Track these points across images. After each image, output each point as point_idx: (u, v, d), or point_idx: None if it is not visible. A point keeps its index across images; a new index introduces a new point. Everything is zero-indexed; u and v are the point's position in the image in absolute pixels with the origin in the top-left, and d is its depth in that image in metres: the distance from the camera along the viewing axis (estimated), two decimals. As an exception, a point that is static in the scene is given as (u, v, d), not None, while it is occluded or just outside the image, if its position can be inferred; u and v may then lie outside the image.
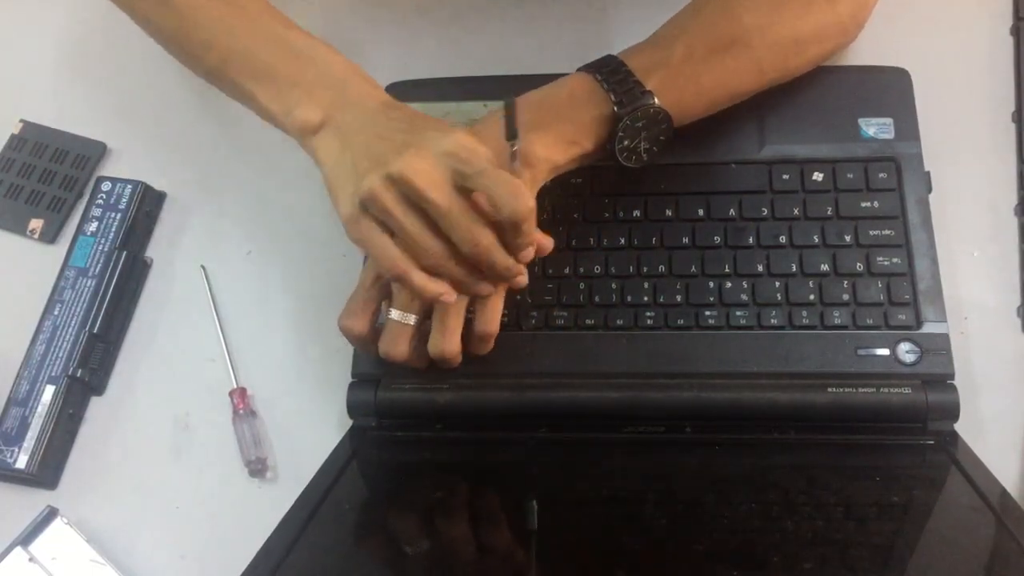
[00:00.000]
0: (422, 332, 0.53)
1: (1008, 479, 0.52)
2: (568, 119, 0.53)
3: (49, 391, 0.59)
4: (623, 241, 0.57)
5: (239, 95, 0.54)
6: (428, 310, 0.52)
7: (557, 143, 0.53)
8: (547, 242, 0.51)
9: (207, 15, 0.54)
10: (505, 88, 0.51)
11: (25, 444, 0.58)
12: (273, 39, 0.53)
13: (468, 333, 0.53)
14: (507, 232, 0.48)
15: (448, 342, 0.52)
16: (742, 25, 0.54)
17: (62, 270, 0.63)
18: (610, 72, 0.53)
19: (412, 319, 0.52)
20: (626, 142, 0.54)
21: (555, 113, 0.53)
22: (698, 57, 0.54)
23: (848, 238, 0.56)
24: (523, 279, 0.51)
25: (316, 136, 0.51)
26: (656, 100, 0.52)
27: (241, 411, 0.59)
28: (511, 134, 0.48)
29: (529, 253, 0.50)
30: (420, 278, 0.49)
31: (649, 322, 0.55)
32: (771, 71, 0.56)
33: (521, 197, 0.46)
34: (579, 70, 0.55)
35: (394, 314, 0.52)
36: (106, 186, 0.65)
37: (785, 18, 0.54)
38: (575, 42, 0.67)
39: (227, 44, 0.53)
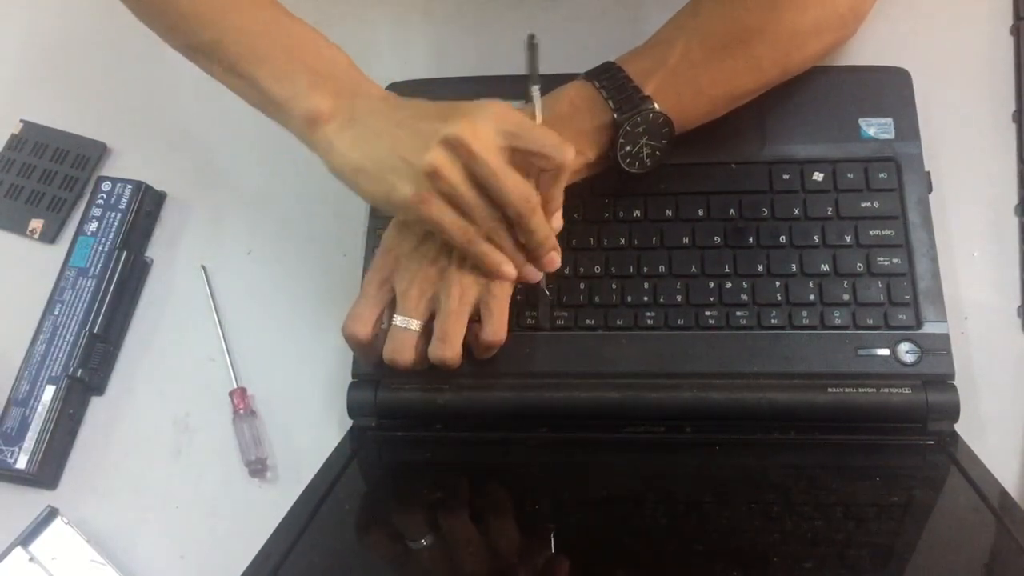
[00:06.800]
0: (425, 336, 0.53)
1: (1008, 479, 0.52)
2: (570, 129, 0.53)
3: (49, 391, 0.59)
4: (623, 241, 0.57)
5: (231, 77, 0.53)
6: (431, 316, 0.52)
7: None
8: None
9: None
10: (505, 88, 0.51)
11: (25, 444, 0.58)
12: (276, 24, 0.52)
13: (469, 339, 0.53)
14: (547, 182, 0.50)
15: (450, 349, 0.51)
16: (740, 23, 0.54)
17: (62, 270, 0.63)
18: (608, 79, 0.53)
19: (416, 324, 0.52)
20: (628, 148, 0.54)
21: (557, 125, 0.52)
22: (696, 58, 0.54)
23: (848, 238, 0.56)
24: (557, 256, 0.52)
25: (327, 125, 0.50)
26: (655, 105, 0.52)
27: (241, 411, 0.59)
28: (533, 79, 0.49)
29: (557, 223, 0.52)
30: (488, 247, 0.50)
31: (649, 322, 0.55)
32: (771, 68, 0.56)
33: (565, 146, 0.48)
34: (578, 78, 0.55)
35: (398, 320, 0.52)
36: (106, 186, 0.65)
37: (783, 13, 0.54)
38: (576, 42, 0.67)
39: (226, 23, 0.52)
